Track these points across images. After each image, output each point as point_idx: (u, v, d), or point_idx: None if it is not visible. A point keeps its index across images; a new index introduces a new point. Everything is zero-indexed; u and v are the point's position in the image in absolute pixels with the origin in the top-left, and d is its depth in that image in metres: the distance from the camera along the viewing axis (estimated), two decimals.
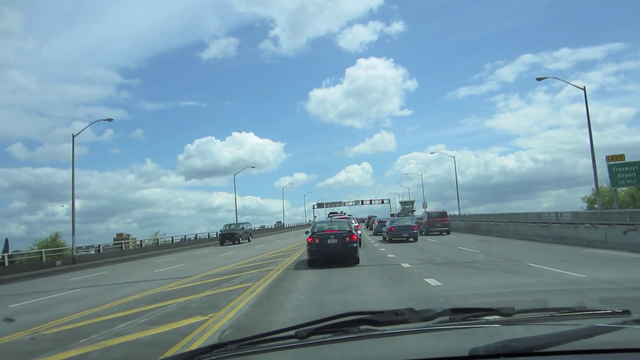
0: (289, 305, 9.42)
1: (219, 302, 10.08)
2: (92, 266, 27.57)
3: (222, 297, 10.92)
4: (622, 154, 31.07)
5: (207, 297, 11.01)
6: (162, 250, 38.46)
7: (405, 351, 1.84)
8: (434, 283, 11.22)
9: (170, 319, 8.62)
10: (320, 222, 21.10)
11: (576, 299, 8.18)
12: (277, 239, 49.45)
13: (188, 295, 11.57)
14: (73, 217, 31.23)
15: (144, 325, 8.22)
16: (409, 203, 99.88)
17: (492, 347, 1.54)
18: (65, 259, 28.71)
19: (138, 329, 7.88)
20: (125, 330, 7.88)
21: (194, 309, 9.57)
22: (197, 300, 10.71)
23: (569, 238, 23.48)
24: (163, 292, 12.79)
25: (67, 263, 27.73)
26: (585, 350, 1.60)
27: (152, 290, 13.17)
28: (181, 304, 10.32)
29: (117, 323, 8.48)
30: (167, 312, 9.35)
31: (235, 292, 11.56)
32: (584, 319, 2.04)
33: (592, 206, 65.36)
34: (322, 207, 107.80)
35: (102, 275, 20.88)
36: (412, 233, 29.81)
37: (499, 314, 2.04)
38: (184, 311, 9.37)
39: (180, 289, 13.06)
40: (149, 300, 11.19)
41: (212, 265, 20.69)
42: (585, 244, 21.36)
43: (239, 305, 9.58)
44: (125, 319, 8.91)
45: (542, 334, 1.69)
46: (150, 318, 8.83)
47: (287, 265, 17.78)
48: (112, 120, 34.04)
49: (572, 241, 22.84)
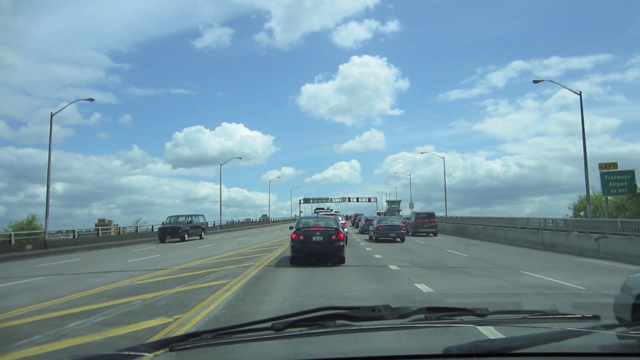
0: (265, 308, 8.45)
1: (188, 301, 9.07)
2: (64, 252, 26.24)
3: (194, 295, 9.91)
4: (615, 162, 30.55)
5: (176, 294, 9.99)
6: (142, 238, 37.10)
7: (381, 347, 1.85)
8: (425, 289, 10.34)
9: (130, 319, 7.60)
10: (306, 217, 20.16)
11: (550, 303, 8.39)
12: (261, 232, 48.44)
13: (157, 290, 10.54)
14: (47, 199, 30.00)
15: (98, 325, 7.19)
16: (396, 202, 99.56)
17: (466, 347, 1.57)
18: (37, 244, 27.30)
19: (90, 330, 6.85)
20: (74, 330, 6.85)
21: (160, 307, 8.56)
22: (165, 297, 9.68)
23: (560, 245, 22.83)
24: (130, 285, 11.73)
25: (38, 247, 26.36)
26: (555, 353, 1.62)
27: (119, 283, 12.10)
28: (147, 300, 9.30)
29: (68, 321, 7.45)
30: (129, 311, 8.33)
31: (208, 289, 10.55)
32: (556, 322, 2.12)
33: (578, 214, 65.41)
34: (309, 203, 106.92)
35: (72, 263, 19.66)
36: (399, 233, 29.09)
37: (473, 314, 2.06)
38: (147, 310, 8.35)
39: (149, 283, 12.01)
40: (112, 295, 10.14)
41: (189, 258, 19.62)
42: (577, 252, 20.69)
43: (210, 306, 8.57)
44: (79, 316, 7.87)
45: (514, 336, 1.73)
46: (107, 317, 7.80)
47: (269, 262, 16.79)
48: (93, 100, 32.53)
49: (563, 249, 22.19)
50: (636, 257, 17.00)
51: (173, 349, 1.71)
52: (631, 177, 30.10)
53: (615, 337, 1.83)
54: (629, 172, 30.28)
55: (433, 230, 37.13)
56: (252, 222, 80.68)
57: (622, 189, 30.23)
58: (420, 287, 10.57)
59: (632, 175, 30.04)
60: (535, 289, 10.56)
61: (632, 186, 30.16)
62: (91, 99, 32.15)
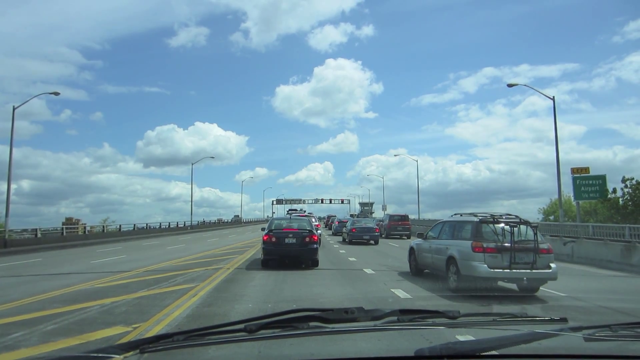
0: (234, 315, 7.87)
1: (150, 308, 8.42)
2: (25, 252, 24.99)
3: (157, 300, 9.26)
4: (587, 167, 30.90)
5: (138, 300, 9.32)
6: (109, 238, 35.94)
7: (353, 349, 1.87)
8: (402, 295, 9.92)
9: (84, 327, 6.93)
10: (279, 219, 19.54)
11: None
12: (232, 233, 47.58)
13: (118, 295, 9.84)
14: (8, 196, 28.73)
15: (47, 335, 6.51)
16: (369, 205, 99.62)
17: (437, 349, 1.59)
18: None
19: (38, 341, 6.18)
20: (20, 341, 6.15)
21: (118, 315, 7.89)
22: (125, 302, 9.00)
23: None
24: (90, 289, 10.97)
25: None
26: (524, 355, 1.66)
27: (78, 286, 11.32)
28: (105, 306, 8.61)
29: (14, 330, 6.74)
30: (84, 318, 7.64)
31: (173, 294, 9.90)
32: (525, 325, 2.13)
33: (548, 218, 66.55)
34: (282, 204, 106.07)
35: (31, 264, 18.62)
36: (373, 235, 28.77)
37: (445, 316, 2.07)
38: (104, 317, 7.67)
39: (111, 286, 11.27)
40: (68, 299, 9.40)
41: (156, 259, 18.83)
42: None
43: (174, 313, 7.95)
44: (28, 323, 7.16)
45: (484, 338, 1.75)
46: (59, 325, 7.11)
47: (239, 264, 16.15)
48: (58, 94, 31.36)
49: None
50: (609, 262, 16.99)
51: (144, 351, 1.68)
52: (602, 182, 30.45)
53: (582, 339, 1.86)
54: (601, 177, 30.63)
55: (406, 233, 36.94)
56: (224, 222, 79.59)
57: (594, 193, 30.55)
58: (397, 293, 10.15)
59: (604, 180, 30.41)
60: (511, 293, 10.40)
61: (603, 191, 30.51)
62: (56, 92, 30.99)
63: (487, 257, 9.81)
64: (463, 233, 10.85)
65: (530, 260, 9.78)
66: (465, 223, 11.05)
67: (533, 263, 9.76)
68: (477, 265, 9.83)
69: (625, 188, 33.38)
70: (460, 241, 10.72)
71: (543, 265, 9.93)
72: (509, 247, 9.77)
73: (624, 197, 33.36)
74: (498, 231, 10.04)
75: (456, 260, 10.44)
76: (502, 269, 9.77)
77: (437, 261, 11.70)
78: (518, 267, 9.77)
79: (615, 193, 33.29)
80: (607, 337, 1.86)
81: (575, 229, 24.12)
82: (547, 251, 10.16)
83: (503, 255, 9.78)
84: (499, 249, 9.81)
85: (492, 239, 9.99)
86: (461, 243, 10.58)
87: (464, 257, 10.23)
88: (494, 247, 9.84)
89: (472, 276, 9.93)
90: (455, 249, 10.68)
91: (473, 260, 9.93)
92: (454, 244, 10.92)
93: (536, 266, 9.80)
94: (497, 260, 9.78)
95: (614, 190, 33.21)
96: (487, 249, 9.85)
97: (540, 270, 9.88)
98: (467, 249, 10.13)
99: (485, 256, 9.81)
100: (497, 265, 9.78)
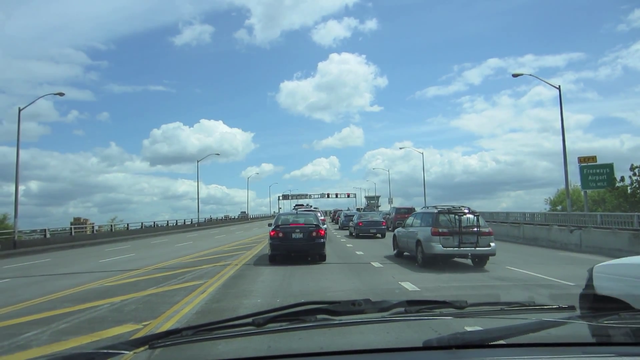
0: (243, 311, 7.88)
1: (160, 305, 8.47)
2: (34, 252, 25.21)
3: (166, 297, 9.32)
4: (594, 156, 30.65)
5: (148, 297, 9.38)
6: (117, 237, 36.08)
7: (362, 341, 1.89)
8: (410, 288, 9.92)
9: (94, 326, 6.99)
10: (285, 214, 19.54)
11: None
12: (239, 229, 47.71)
13: (127, 293, 9.91)
14: (16, 197, 28.87)
15: (58, 334, 6.57)
16: (375, 198, 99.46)
17: (445, 339, 1.60)
18: (6, 243, 26.21)
19: (49, 340, 6.24)
20: (32, 340, 6.22)
21: (128, 313, 7.94)
22: (135, 300, 9.07)
23: (542, 240, 22.72)
24: (100, 287, 11.05)
25: (6, 248, 25.27)
26: (532, 344, 1.66)
27: (88, 285, 11.41)
28: (115, 304, 8.67)
29: (26, 329, 6.81)
30: (94, 317, 7.70)
31: (182, 291, 9.96)
32: (533, 314, 2.12)
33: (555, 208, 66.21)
34: (288, 199, 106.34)
35: (41, 264, 18.79)
36: (380, 229, 28.77)
37: (452, 306, 2.05)
38: (115, 316, 7.73)
39: (120, 285, 11.35)
40: (78, 299, 9.48)
41: (165, 257, 18.91)
42: (559, 247, 20.58)
43: (184, 310, 8.00)
44: (40, 323, 7.23)
45: (492, 327, 1.72)
46: (70, 324, 7.17)
47: (247, 260, 16.22)
48: (63, 94, 31.52)
49: (545, 243, 22.08)
50: (619, 251, 16.88)
51: (153, 347, 1.68)
52: (610, 170, 30.27)
53: (590, 327, 1.86)
54: (608, 166, 30.43)
55: None
56: (231, 219, 79.73)
57: (602, 182, 30.36)
58: (405, 285, 10.16)
59: (611, 168, 30.22)
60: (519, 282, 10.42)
61: (611, 179, 30.33)
62: (61, 93, 31.13)
63: (442, 239, 12.98)
64: (426, 221, 13.93)
65: (474, 241, 12.93)
66: (428, 214, 14.24)
67: (476, 243, 12.90)
68: (435, 245, 13.00)
69: (634, 176, 33.23)
70: (425, 228, 13.76)
71: (484, 244, 13.03)
72: (457, 231, 12.95)
73: (632, 185, 33.19)
74: (451, 219, 13.24)
75: (421, 242, 13.56)
76: (452, 247, 12.96)
77: (410, 244, 14.79)
78: (465, 246, 12.90)
79: (624, 181, 33.15)
80: (615, 324, 1.85)
81: (583, 218, 23.96)
82: (487, 234, 13.25)
83: (454, 237, 12.96)
84: (450, 232, 13.02)
85: (446, 225, 13.13)
86: (425, 229, 13.64)
87: (426, 240, 13.33)
88: (447, 231, 13.04)
89: (432, 254, 13.07)
90: (422, 234, 13.77)
91: (432, 242, 13.07)
92: (421, 230, 13.98)
93: (479, 245, 12.91)
94: (449, 241, 12.97)
95: (622, 178, 33.06)
96: (442, 233, 13.03)
97: (482, 247, 12.99)
98: (428, 234, 13.26)
99: (441, 238, 12.98)
100: (449, 244, 12.96)
